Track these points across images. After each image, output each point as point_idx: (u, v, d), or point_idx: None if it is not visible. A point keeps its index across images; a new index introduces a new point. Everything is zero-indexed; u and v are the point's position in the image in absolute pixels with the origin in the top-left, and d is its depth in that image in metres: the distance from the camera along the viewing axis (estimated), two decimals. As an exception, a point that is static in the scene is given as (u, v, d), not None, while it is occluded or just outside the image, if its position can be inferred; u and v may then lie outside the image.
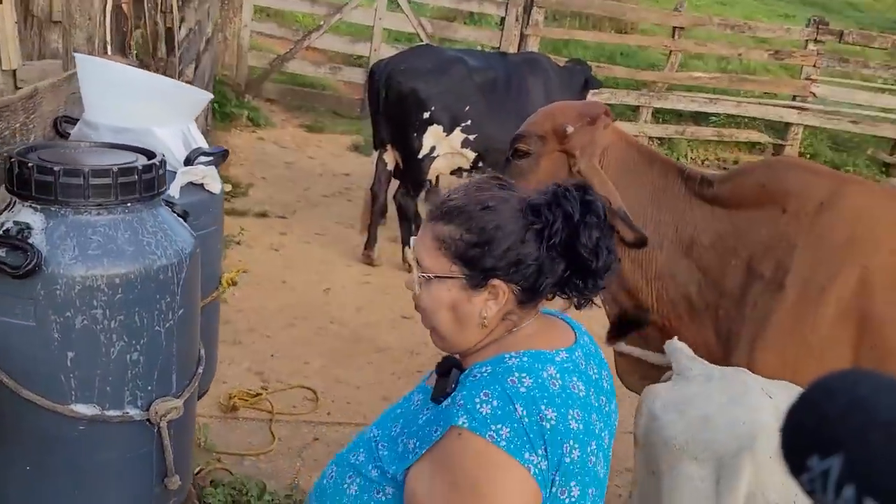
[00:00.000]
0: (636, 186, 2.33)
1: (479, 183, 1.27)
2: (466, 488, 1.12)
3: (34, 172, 1.52)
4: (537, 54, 6.50)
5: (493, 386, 1.15)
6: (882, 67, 9.88)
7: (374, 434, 1.30)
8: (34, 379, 1.55)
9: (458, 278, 1.21)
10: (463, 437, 1.12)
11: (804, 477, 0.50)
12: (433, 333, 1.29)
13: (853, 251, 2.10)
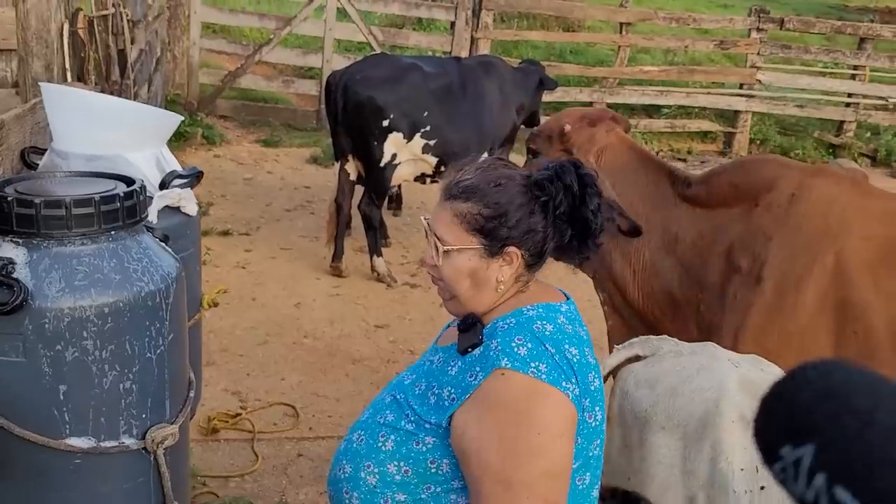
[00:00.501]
0: (629, 185, 2.49)
1: (487, 163, 1.43)
2: (517, 416, 1.27)
3: (14, 206, 1.50)
4: (491, 57, 6.56)
5: (522, 332, 1.33)
6: (822, 52, 10.16)
7: (398, 397, 1.42)
8: (26, 415, 1.52)
9: (476, 248, 1.38)
10: (507, 375, 1.28)
11: (777, 466, 0.51)
12: (451, 301, 1.43)
13: (826, 239, 2.18)
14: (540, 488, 1.27)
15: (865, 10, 16.86)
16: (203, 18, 8.67)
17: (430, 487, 1.36)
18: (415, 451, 1.35)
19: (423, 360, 1.50)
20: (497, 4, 9.10)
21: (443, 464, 1.34)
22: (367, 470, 1.38)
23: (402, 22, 10.84)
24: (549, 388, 1.28)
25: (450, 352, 1.41)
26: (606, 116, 2.65)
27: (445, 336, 1.52)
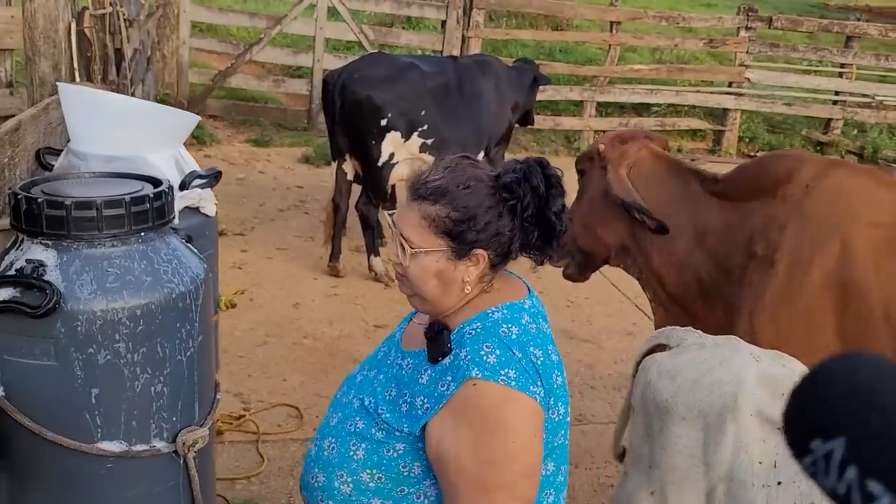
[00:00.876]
0: (659, 189, 2.74)
1: (453, 163, 1.42)
2: (491, 425, 1.31)
3: (44, 207, 1.48)
4: (487, 56, 6.56)
5: (490, 339, 1.35)
6: (810, 50, 10.24)
7: (366, 402, 1.43)
8: (58, 419, 1.50)
9: (444, 251, 1.39)
10: (478, 385, 1.31)
11: (807, 459, 0.51)
12: (415, 298, 1.45)
13: (834, 225, 2.32)
14: (516, 489, 1.33)
15: (846, 9, 17.02)
16: (193, 17, 8.61)
17: (403, 489, 1.40)
18: (387, 458, 1.38)
19: (390, 359, 1.51)
20: (488, 3, 9.10)
21: (414, 467, 1.38)
22: (341, 479, 1.41)
23: (392, 21, 10.81)
24: (518, 395, 1.31)
25: (419, 358, 1.42)
26: (639, 135, 2.91)
27: (409, 335, 1.53)
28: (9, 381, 1.50)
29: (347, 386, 1.56)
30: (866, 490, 0.46)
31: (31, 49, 2.53)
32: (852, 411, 0.49)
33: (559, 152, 9.50)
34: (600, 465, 3.64)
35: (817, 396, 0.51)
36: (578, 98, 9.46)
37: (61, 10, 2.52)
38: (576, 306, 5.42)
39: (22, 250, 1.52)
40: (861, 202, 2.35)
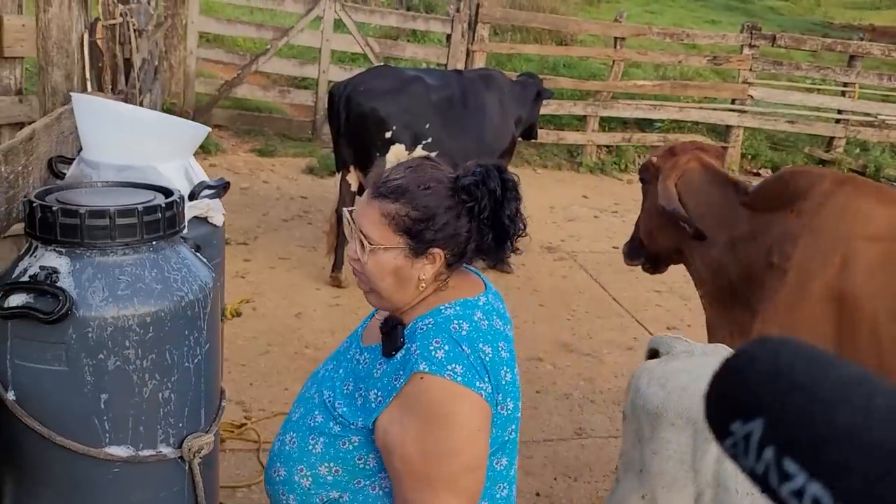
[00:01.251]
0: (703, 198, 2.97)
1: (415, 164, 1.47)
2: (436, 419, 1.35)
3: (59, 216, 1.51)
4: (491, 70, 6.61)
5: (440, 334, 1.38)
6: (813, 69, 10.30)
7: (325, 396, 1.48)
8: (67, 424, 1.53)
9: (401, 248, 1.42)
10: (426, 379, 1.34)
11: (727, 442, 0.52)
12: (372, 294, 1.48)
13: (836, 239, 2.50)
14: (459, 482, 1.37)
15: (850, 28, 17.12)
16: (200, 28, 8.68)
17: (359, 482, 1.45)
18: (343, 451, 1.43)
19: (349, 356, 1.55)
20: (493, 18, 9.17)
21: (370, 459, 1.43)
22: (301, 473, 1.46)
23: (398, 34, 10.89)
24: (464, 390, 1.35)
25: (375, 353, 1.47)
26: (690, 148, 3.14)
27: (369, 332, 1.56)
28: (20, 385, 1.53)
29: (311, 381, 1.60)
30: (783, 469, 0.48)
31: (45, 59, 2.57)
32: (770, 393, 0.50)
33: (562, 166, 9.55)
34: (599, 478, 3.65)
35: (736, 379, 0.52)
36: (582, 113, 9.52)
37: (75, 21, 2.56)
38: (576, 320, 5.44)
39: (36, 257, 1.55)
40: (862, 218, 2.50)
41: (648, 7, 18.87)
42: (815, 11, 22.83)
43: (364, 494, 1.45)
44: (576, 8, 15.35)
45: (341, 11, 8.76)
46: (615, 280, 6.29)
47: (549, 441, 3.87)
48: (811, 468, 0.47)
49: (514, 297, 5.55)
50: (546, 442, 3.87)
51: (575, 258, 6.75)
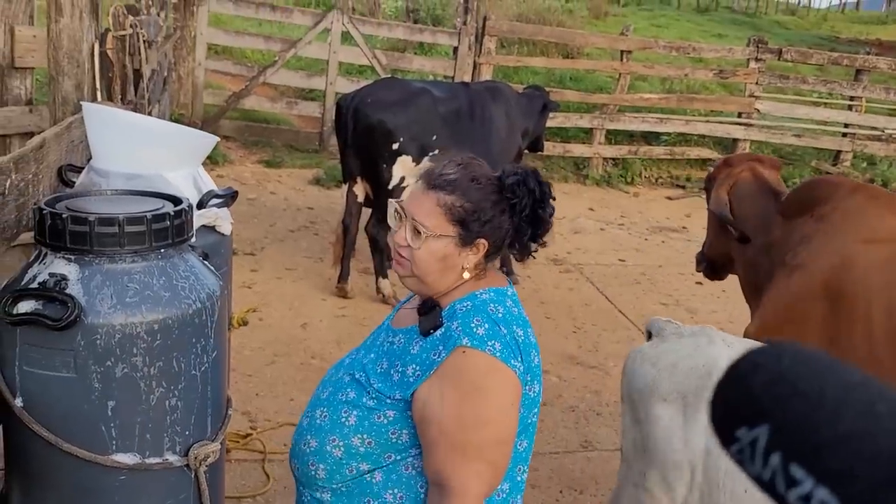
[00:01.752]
0: (749, 205, 3.21)
1: (464, 161, 1.58)
2: (475, 390, 1.44)
3: (68, 223, 1.52)
4: (498, 82, 6.63)
5: (479, 314, 1.49)
6: (819, 83, 10.30)
7: (357, 376, 1.56)
8: (74, 431, 1.53)
9: (453, 237, 1.53)
10: (468, 353, 1.45)
11: (733, 448, 0.52)
12: (412, 279, 1.57)
13: (840, 241, 2.67)
14: (489, 453, 1.46)
15: (856, 42, 17.13)
16: (209, 40, 8.74)
17: (390, 456, 1.52)
18: (377, 424, 1.51)
19: (380, 341, 1.63)
20: (500, 31, 9.21)
21: (403, 434, 1.51)
22: (333, 443, 1.53)
23: (405, 46, 10.94)
24: (501, 365, 1.45)
25: (410, 333, 1.56)
26: (745, 159, 3.44)
27: (399, 318, 1.66)
28: (28, 391, 1.53)
29: (336, 368, 1.69)
30: (789, 475, 0.48)
31: (56, 69, 2.59)
32: (775, 398, 0.50)
33: (568, 179, 9.56)
34: (605, 491, 3.63)
35: (741, 385, 0.53)
36: (588, 125, 9.53)
37: (85, 32, 2.58)
38: (582, 332, 5.43)
39: (45, 264, 1.56)
40: (868, 222, 2.66)
41: (655, 21, 18.92)
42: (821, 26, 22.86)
43: (397, 473, 1.52)
44: (582, 21, 15.40)
45: (349, 24, 8.81)
46: (621, 292, 6.28)
47: (554, 454, 3.85)
48: (818, 474, 0.47)
49: (519, 308, 5.54)
50: (552, 455, 3.86)
51: (581, 270, 6.74)
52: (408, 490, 1.53)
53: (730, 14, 22.74)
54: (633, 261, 7.15)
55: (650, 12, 20.89)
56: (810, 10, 26.60)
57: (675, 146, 9.83)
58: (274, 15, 9.05)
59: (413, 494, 1.53)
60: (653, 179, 9.85)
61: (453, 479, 1.44)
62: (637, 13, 20.50)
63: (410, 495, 1.53)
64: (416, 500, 1.53)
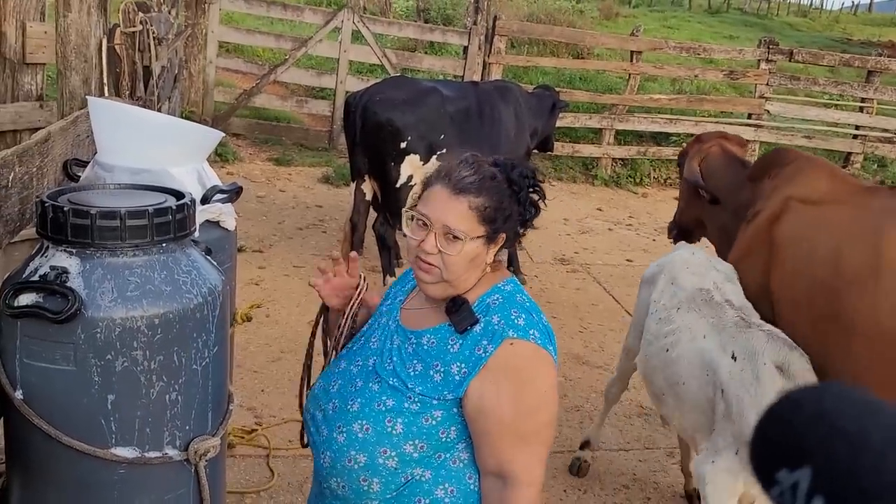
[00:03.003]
0: (720, 175, 3.68)
1: (471, 160, 1.60)
2: (527, 379, 1.52)
3: (70, 216, 1.52)
4: (508, 82, 6.62)
5: (514, 306, 1.56)
6: (830, 84, 10.24)
7: (392, 382, 1.56)
8: (74, 424, 1.53)
9: (483, 236, 1.57)
10: (515, 344, 1.51)
11: (774, 490, 0.50)
12: (438, 285, 1.57)
13: (783, 197, 3.10)
14: (544, 436, 1.54)
15: (868, 44, 17.02)
16: (220, 38, 8.76)
17: (440, 455, 1.55)
18: (426, 427, 1.53)
19: (396, 344, 1.61)
20: (510, 30, 9.20)
21: (451, 431, 1.54)
22: (385, 455, 1.53)
23: (415, 45, 10.94)
24: (543, 351, 1.53)
25: (441, 332, 1.57)
26: (715, 135, 3.95)
27: (411, 318, 1.64)
28: (28, 384, 1.54)
29: (344, 378, 1.63)
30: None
31: (63, 63, 2.60)
32: (816, 440, 0.49)
33: (577, 179, 9.54)
34: (609, 491, 3.62)
35: (782, 426, 0.52)
36: (597, 126, 9.51)
37: (93, 27, 2.59)
38: (588, 332, 5.42)
39: (46, 257, 1.57)
40: (805, 184, 3.09)
41: (666, 22, 18.88)
42: (833, 28, 22.74)
43: (446, 469, 1.55)
44: (593, 22, 15.37)
45: (359, 23, 8.81)
46: (628, 293, 6.25)
47: (559, 453, 3.84)
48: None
49: (526, 308, 5.53)
50: (556, 454, 3.85)
51: (588, 270, 6.73)
52: (458, 483, 1.56)
53: (741, 15, 22.65)
54: (641, 261, 7.12)
55: (661, 13, 20.84)
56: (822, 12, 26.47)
57: (684, 147, 9.79)
58: (285, 13, 9.06)
59: (463, 486, 1.56)
60: (662, 180, 9.81)
61: (518, 466, 1.49)
62: (648, 14, 20.45)
63: (461, 488, 1.56)
64: (466, 491, 1.56)
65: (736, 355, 2.64)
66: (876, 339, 2.57)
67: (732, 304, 2.87)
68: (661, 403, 3.03)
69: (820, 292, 2.76)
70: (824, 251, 2.79)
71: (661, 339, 2.95)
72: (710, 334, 2.76)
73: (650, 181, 9.79)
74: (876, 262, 2.60)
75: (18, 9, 3.89)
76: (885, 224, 2.69)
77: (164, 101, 4.83)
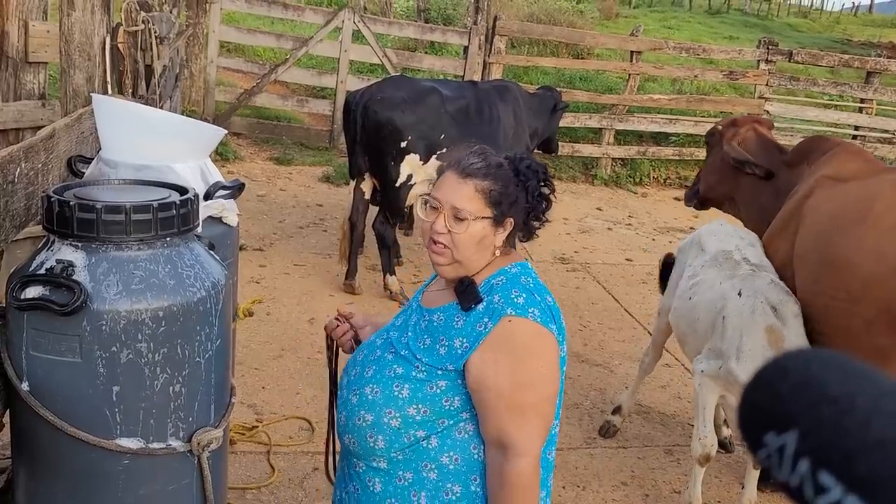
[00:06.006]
0: (759, 158, 3.86)
1: (479, 150, 1.71)
2: (524, 353, 1.60)
3: (76, 210, 1.55)
4: (507, 82, 6.64)
5: (515, 286, 1.65)
6: (830, 84, 10.26)
7: (403, 353, 1.68)
8: (79, 415, 1.56)
9: (490, 218, 1.66)
10: (513, 321, 1.60)
11: (761, 453, 0.51)
12: (450, 266, 1.68)
13: (815, 176, 3.38)
14: (542, 408, 1.62)
15: (869, 45, 17.03)
16: (222, 37, 8.78)
17: (444, 421, 1.65)
18: (430, 394, 1.63)
19: (413, 321, 1.74)
20: (510, 30, 9.22)
21: (454, 400, 1.63)
22: (390, 415, 1.65)
23: (416, 45, 10.96)
24: (543, 329, 1.61)
25: (449, 310, 1.69)
26: (749, 119, 4.15)
27: (429, 299, 1.78)
28: (34, 376, 1.56)
29: (369, 349, 1.78)
30: (818, 482, 0.47)
31: (67, 61, 2.63)
32: (803, 404, 0.50)
33: (577, 179, 9.56)
34: (608, 488, 3.65)
35: (769, 391, 0.52)
36: (597, 126, 9.53)
37: (97, 26, 2.61)
38: (588, 331, 5.44)
39: (52, 251, 1.59)
40: (836, 164, 3.37)
41: (666, 22, 18.89)
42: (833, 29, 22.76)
43: (452, 438, 1.65)
44: (593, 22, 15.39)
45: (360, 22, 8.84)
46: (628, 292, 6.28)
47: (558, 450, 3.83)
48: (848, 481, 0.46)
49: (526, 307, 5.55)
50: (556, 450, 3.87)
51: (588, 269, 6.75)
52: (462, 452, 1.65)
53: (741, 16, 22.66)
54: (641, 260, 7.15)
55: (661, 14, 20.86)
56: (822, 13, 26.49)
57: (683, 147, 9.81)
58: (286, 13, 9.09)
59: (467, 455, 1.65)
60: (661, 180, 9.84)
61: (515, 437, 1.58)
62: (648, 15, 20.46)
63: (465, 456, 1.65)
64: (470, 460, 1.65)
65: (742, 293, 3.15)
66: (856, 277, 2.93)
67: (749, 260, 3.32)
68: (684, 344, 3.55)
69: (820, 242, 3.14)
70: (831, 211, 3.16)
71: (687, 291, 3.45)
72: (725, 281, 3.27)
73: (650, 181, 9.81)
74: (865, 215, 3.00)
75: (21, 8, 3.92)
76: (884, 188, 3.05)
77: (166, 99, 4.86)
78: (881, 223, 2.95)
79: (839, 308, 3.01)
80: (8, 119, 3.97)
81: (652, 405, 4.48)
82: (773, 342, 3.01)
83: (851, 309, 2.96)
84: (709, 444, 3.27)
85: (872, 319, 2.89)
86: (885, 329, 2.85)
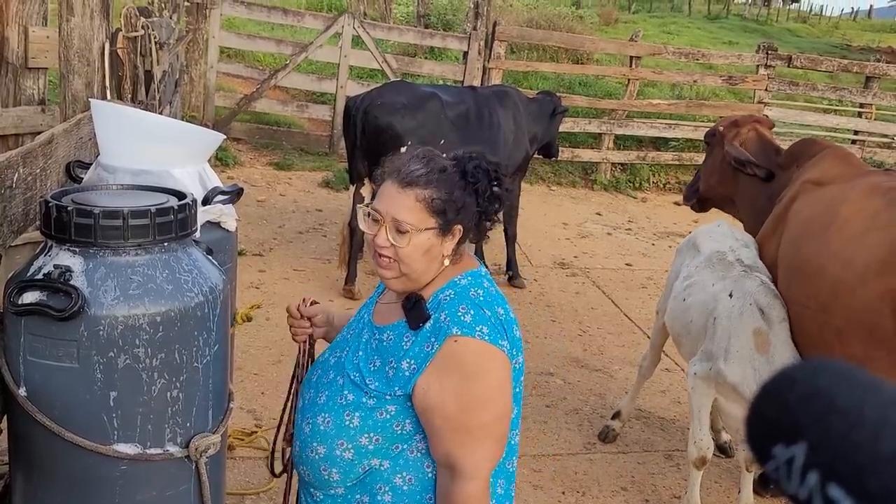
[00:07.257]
0: (756, 158, 3.82)
1: (422, 155, 1.64)
2: (471, 374, 1.54)
3: (73, 216, 1.54)
4: (507, 87, 6.65)
5: (463, 301, 1.57)
6: (829, 89, 10.28)
7: (353, 377, 1.62)
8: (77, 420, 1.55)
9: (434, 228, 1.59)
10: (459, 341, 1.53)
11: (770, 465, 0.51)
12: (399, 280, 1.61)
13: (800, 179, 3.39)
14: (493, 430, 1.57)
15: (868, 50, 17.06)
16: (221, 43, 8.80)
17: (397, 446, 1.60)
18: (380, 421, 1.58)
19: (365, 339, 1.67)
20: (509, 36, 9.24)
21: (405, 424, 1.59)
22: (342, 447, 1.60)
23: (415, 51, 10.98)
24: (491, 347, 1.54)
25: (398, 329, 1.62)
26: (750, 119, 4.10)
27: (381, 313, 1.70)
28: (32, 381, 1.56)
29: (323, 370, 1.72)
30: (827, 495, 0.47)
31: (66, 67, 2.63)
32: (812, 416, 0.49)
33: (576, 184, 9.57)
34: (607, 494, 3.64)
35: (777, 402, 0.52)
36: (597, 131, 9.54)
37: (96, 31, 2.62)
38: (588, 336, 5.43)
39: (50, 256, 1.59)
40: (819, 168, 3.37)
41: (666, 28, 18.93)
42: (833, 34, 22.80)
43: (404, 458, 1.61)
44: (592, 27, 15.42)
45: (360, 28, 8.85)
46: (627, 297, 6.28)
47: (558, 455, 3.86)
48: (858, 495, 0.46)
49: (526, 312, 5.56)
50: (555, 456, 3.87)
51: (587, 274, 6.75)
52: (416, 472, 1.61)
53: (740, 21, 22.70)
54: (640, 265, 7.15)
55: (661, 19, 20.90)
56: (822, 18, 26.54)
57: (683, 152, 9.82)
58: (286, 18, 9.11)
59: (421, 475, 1.61)
60: (661, 185, 9.84)
61: (464, 461, 1.53)
62: (648, 20, 20.50)
63: (419, 476, 1.61)
64: (424, 479, 1.61)
65: (733, 294, 3.17)
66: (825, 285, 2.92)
67: (742, 262, 3.32)
68: (679, 346, 3.58)
69: (792, 248, 3.16)
70: (805, 216, 3.19)
71: (682, 293, 3.49)
72: (718, 282, 3.29)
73: (649, 186, 9.82)
74: (832, 220, 3.00)
75: (21, 14, 3.92)
76: (853, 193, 3.05)
77: (166, 105, 4.86)
78: (846, 229, 2.92)
79: (810, 316, 2.97)
80: (7, 124, 3.97)
81: (652, 410, 4.48)
82: (759, 345, 3.00)
83: (822, 317, 2.91)
84: (704, 446, 3.27)
85: (843, 328, 2.84)
86: (856, 339, 2.79)
